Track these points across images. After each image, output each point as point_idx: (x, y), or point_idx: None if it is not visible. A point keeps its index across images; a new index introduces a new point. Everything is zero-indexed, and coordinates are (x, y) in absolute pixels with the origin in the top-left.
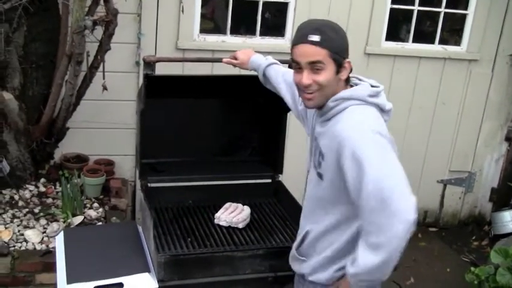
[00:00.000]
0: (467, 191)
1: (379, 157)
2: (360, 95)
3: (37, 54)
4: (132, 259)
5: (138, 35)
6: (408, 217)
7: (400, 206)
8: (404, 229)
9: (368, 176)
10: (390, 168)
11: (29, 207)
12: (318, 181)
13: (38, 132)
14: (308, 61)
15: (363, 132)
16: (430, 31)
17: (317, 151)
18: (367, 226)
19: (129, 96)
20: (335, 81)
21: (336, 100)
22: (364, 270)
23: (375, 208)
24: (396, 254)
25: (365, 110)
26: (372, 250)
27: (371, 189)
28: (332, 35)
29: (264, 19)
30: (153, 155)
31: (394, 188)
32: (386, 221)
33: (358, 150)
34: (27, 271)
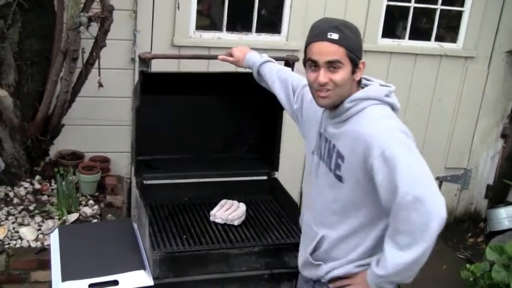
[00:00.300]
0: (463, 188)
1: (410, 156)
2: (377, 95)
3: (32, 50)
4: (128, 256)
5: (134, 31)
6: (442, 215)
7: (435, 203)
8: (438, 227)
9: (401, 175)
10: (421, 166)
11: (24, 205)
12: (336, 184)
13: (33, 129)
14: (326, 60)
15: (389, 131)
16: (427, 28)
17: (333, 153)
18: (399, 225)
19: (124, 93)
20: (350, 81)
21: (352, 101)
22: (395, 271)
23: (410, 207)
24: (428, 252)
25: (383, 109)
26: (404, 249)
27: (405, 188)
28: (350, 34)
29: (260, 16)
30: (149, 152)
31: (428, 186)
32: (422, 219)
33: (388, 149)
34: (22, 268)
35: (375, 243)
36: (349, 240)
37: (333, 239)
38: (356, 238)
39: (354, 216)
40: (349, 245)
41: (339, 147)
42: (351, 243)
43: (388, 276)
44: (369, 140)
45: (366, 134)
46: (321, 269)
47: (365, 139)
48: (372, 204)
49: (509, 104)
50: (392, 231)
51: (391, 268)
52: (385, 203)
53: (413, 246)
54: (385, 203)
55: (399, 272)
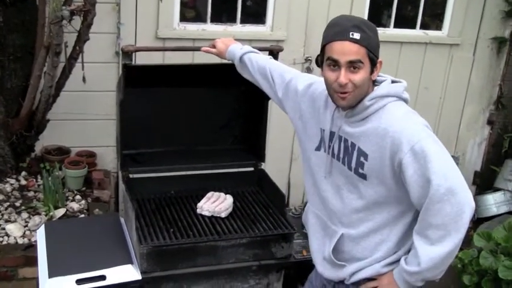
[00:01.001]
0: None
1: (438, 149)
2: (396, 92)
3: (14, 45)
4: (115, 251)
5: (118, 24)
6: (472, 205)
7: (465, 194)
8: (470, 217)
9: (433, 168)
10: (450, 158)
11: (10, 201)
12: (359, 182)
13: (18, 125)
14: (348, 60)
15: (415, 126)
16: (411, 16)
17: (353, 152)
18: (431, 219)
19: (109, 86)
20: (368, 81)
21: (373, 98)
22: (428, 266)
23: (443, 199)
24: (460, 243)
25: (403, 105)
26: (436, 243)
27: (438, 181)
28: (370, 33)
29: (244, 7)
30: (134, 145)
31: (459, 178)
32: (455, 210)
33: (417, 144)
34: (10, 266)
35: (399, 239)
36: (371, 238)
37: (354, 237)
38: (378, 235)
39: (377, 213)
40: (371, 243)
41: (361, 146)
42: (373, 241)
43: (421, 272)
44: (396, 136)
45: (392, 130)
46: (345, 270)
47: (392, 135)
48: (395, 201)
49: (494, 91)
50: (422, 226)
51: (424, 264)
52: (416, 199)
53: (447, 238)
54: (416, 199)
55: (433, 266)
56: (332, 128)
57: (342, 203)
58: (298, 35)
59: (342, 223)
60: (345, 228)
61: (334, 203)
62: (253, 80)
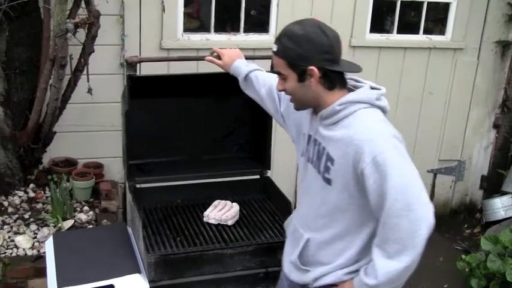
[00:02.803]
0: (457, 180)
1: (401, 162)
2: (368, 99)
3: (20, 59)
4: (123, 261)
5: (122, 36)
6: (430, 221)
7: (423, 211)
8: (427, 234)
9: (393, 181)
10: (412, 172)
11: (19, 213)
12: (324, 187)
13: (25, 138)
14: (274, 71)
15: (381, 136)
16: (415, 21)
17: (322, 155)
18: (388, 233)
19: (115, 98)
20: (305, 89)
21: (342, 104)
22: (385, 280)
23: (400, 214)
24: (418, 259)
25: (374, 113)
26: (393, 258)
27: (396, 195)
28: (289, 44)
29: (248, 16)
30: (140, 155)
31: (418, 193)
32: (412, 226)
33: (380, 155)
34: (19, 277)
35: (361, 248)
36: (335, 244)
37: (319, 242)
38: (343, 242)
39: (340, 220)
40: (335, 250)
41: (329, 150)
42: (337, 247)
43: (378, 285)
44: (360, 144)
45: (357, 138)
46: (309, 275)
47: (357, 144)
48: (358, 209)
49: (500, 94)
50: (380, 239)
51: (381, 277)
52: (375, 208)
53: (404, 253)
54: (375, 209)
55: (390, 281)
56: (310, 131)
57: (309, 208)
58: None
59: (309, 227)
60: (311, 232)
61: (304, 207)
62: (256, 96)
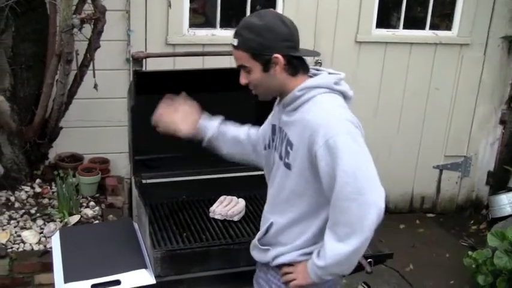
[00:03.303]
0: (463, 176)
1: (354, 146)
2: (327, 83)
3: (26, 54)
4: (129, 256)
5: (128, 31)
6: (380, 206)
7: (373, 195)
8: (378, 218)
9: (343, 165)
10: (364, 157)
11: (25, 208)
12: (286, 172)
13: (31, 133)
14: (237, 65)
15: (336, 120)
16: (421, 17)
17: (284, 141)
18: (338, 216)
19: (121, 93)
20: (270, 77)
21: (302, 89)
22: (333, 262)
23: (350, 197)
24: (367, 243)
25: (332, 98)
26: (343, 240)
27: (346, 178)
28: (249, 35)
29: (253, 11)
30: (146, 151)
31: (369, 177)
32: (361, 210)
33: (332, 138)
34: (26, 272)
35: (318, 231)
36: (295, 227)
37: (281, 225)
38: (301, 225)
39: (297, 205)
40: (294, 232)
41: (289, 135)
42: (296, 230)
43: (326, 267)
44: (315, 127)
45: (313, 122)
46: (269, 254)
47: (311, 127)
48: (314, 194)
49: (506, 90)
50: (332, 222)
51: (329, 259)
52: (327, 191)
53: (352, 237)
54: (327, 191)
55: (338, 263)
56: (274, 121)
57: (273, 192)
58: (307, 37)
59: (274, 212)
60: (275, 216)
61: (270, 193)
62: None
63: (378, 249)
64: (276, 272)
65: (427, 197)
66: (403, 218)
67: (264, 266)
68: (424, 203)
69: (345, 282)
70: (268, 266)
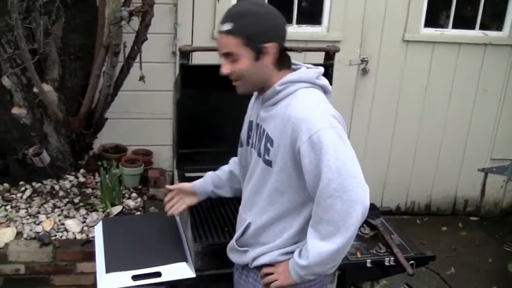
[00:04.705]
0: (509, 180)
1: (338, 142)
2: (309, 78)
3: (75, 45)
4: (170, 248)
5: (175, 25)
6: (365, 204)
7: (358, 192)
8: (362, 216)
9: (327, 161)
10: (348, 153)
11: (69, 198)
12: (266, 169)
13: (77, 123)
14: (223, 52)
15: (319, 115)
16: (471, 16)
17: (262, 138)
18: (322, 214)
19: (166, 86)
20: (259, 68)
21: (283, 84)
22: (316, 261)
23: (334, 194)
24: (351, 241)
25: (314, 92)
26: (326, 239)
27: (330, 174)
28: (245, 20)
29: (300, 7)
30: (190, 144)
31: (353, 174)
32: (346, 207)
33: (316, 133)
34: (68, 260)
35: (299, 229)
36: (275, 226)
37: (259, 225)
38: (281, 224)
39: (279, 203)
40: (274, 231)
41: (268, 131)
42: (277, 229)
43: (309, 266)
44: (297, 123)
45: (295, 117)
46: (248, 255)
47: (294, 122)
48: (296, 191)
49: None
50: (315, 220)
51: (312, 258)
52: (311, 188)
53: (337, 235)
54: (311, 189)
55: (321, 262)
56: (252, 117)
57: (252, 192)
58: (355, 35)
59: (251, 211)
60: (253, 216)
61: (247, 192)
62: None
63: (420, 251)
64: (256, 275)
65: (470, 199)
66: (445, 221)
67: (244, 269)
68: (468, 206)
69: (385, 283)
70: (248, 269)
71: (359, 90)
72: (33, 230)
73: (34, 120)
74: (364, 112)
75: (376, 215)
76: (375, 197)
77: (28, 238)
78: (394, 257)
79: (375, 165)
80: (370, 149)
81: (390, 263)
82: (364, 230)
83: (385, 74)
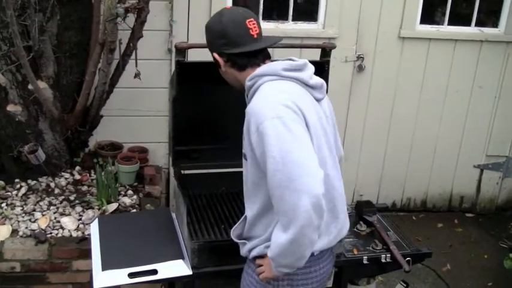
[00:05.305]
0: (505, 176)
1: (282, 130)
2: (273, 70)
3: (70, 42)
4: (166, 246)
5: (170, 22)
6: (314, 191)
7: (305, 180)
8: (312, 204)
9: (271, 151)
10: (294, 141)
11: (65, 195)
12: (244, 163)
13: (73, 121)
14: None
15: (267, 105)
16: (466, 13)
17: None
18: (276, 205)
19: (162, 83)
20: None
21: (251, 79)
22: (278, 252)
23: (282, 185)
24: (306, 231)
25: (278, 84)
26: (283, 229)
27: (275, 165)
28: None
29: (296, 4)
30: (186, 142)
31: (299, 162)
32: (293, 196)
33: (261, 124)
34: (64, 257)
35: None
36: (263, 219)
37: (251, 218)
38: (266, 217)
39: (259, 195)
40: (262, 224)
41: (241, 126)
42: (264, 221)
43: (274, 258)
44: (249, 115)
45: (248, 110)
46: (245, 247)
47: (247, 115)
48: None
49: None
50: (275, 209)
51: (274, 249)
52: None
53: (290, 226)
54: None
55: (281, 253)
56: None
57: (244, 186)
58: (350, 32)
59: (246, 205)
60: (247, 210)
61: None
62: None
63: (417, 247)
64: (255, 266)
65: (466, 196)
66: (441, 217)
67: (247, 260)
68: (463, 202)
69: (381, 280)
70: (249, 260)
71: (355, 87)
72: (29, 227)
73: (29, 117)
74: (360, 108)
75: (372, 211)
76: (371, 194)
77: (24, 236)
78: (391, 253)
79: (371, 161)
80: (366, 146)
81: (387, 259)
82: (360, 227)
83: (381, 71)
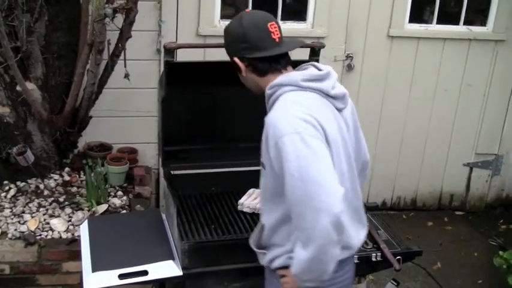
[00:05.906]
0: (494, 174)
1: (301, 146)
2: (293, 80)
3: (59, 43)
4: (156, 247)
5: (159, 22)
6: (334, 210)
7: (324, 198)
8: (331, 223)
9: (289, 168)
10: (313, 159)
11: (54, 196)
12: (263, 171)
13: (61, 122)
14: None
15: (285, 119)
16: (455, 12)
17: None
18: (296, 221)
19: (151, 83)
20: (244, 78)
21: (271, 87)
22: (301, 269)
23: (299, 202)
24: (326, 249)
25: (298, 95)
26: (302, 245)
27: (294, 182)
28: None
29: (285, 4)
30: (176, 142)
31: (318, 180)
32: (312, 215)
33: (280, 139)
34: (54, 259)
35: None
36: (283, 228)
37: (271, 226)
38: (287, 226)
39: (280, 204)
40: (283, 233)
41: (261, 135)
42: (284, 230)
43: (296, 274)
44: (267, 128)
45: (267, 122)
46: (265, 257)
47: (266, 127)
48: None
49: None
50: (294, 227)
51: (296, 265)
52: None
53: (310, 243)
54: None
55: (303, 270)
56: None
57: (261, 191)
58: (339, 31)
59: (263, 214)
60: (264, 216)
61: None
62: None
63: (407, 246)
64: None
65: (456, 194)
66: (431, 216)
67: (266, 269)
68: (453, 200)
69: (372, 279)
70: (269, 269)
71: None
72: (18, 229)
73: (18, 119)
74: None
75: None
76: None
77: (13, 238)
78: (381, 252)
79: None
80: None
81: (377, 258)
82: None
83: (370, 70)
